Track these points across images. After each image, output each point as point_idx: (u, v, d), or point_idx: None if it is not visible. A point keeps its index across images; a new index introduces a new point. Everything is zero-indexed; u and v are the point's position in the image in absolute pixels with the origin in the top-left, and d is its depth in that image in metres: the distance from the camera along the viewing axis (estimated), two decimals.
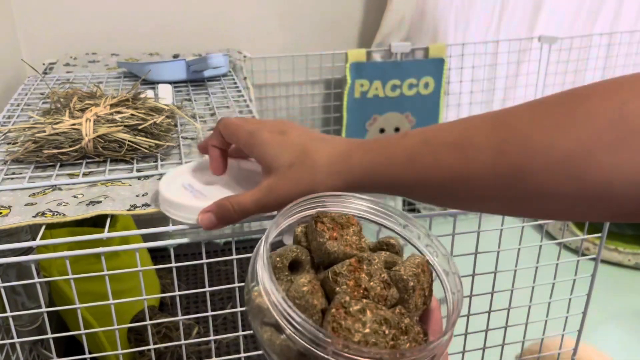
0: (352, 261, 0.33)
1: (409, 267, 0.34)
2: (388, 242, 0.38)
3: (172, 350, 0.94)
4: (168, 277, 1.18)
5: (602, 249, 0.72)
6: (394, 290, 0.33)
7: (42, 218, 0.57)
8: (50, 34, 1.36)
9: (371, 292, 0.32)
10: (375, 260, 0.33)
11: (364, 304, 0.30)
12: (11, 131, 0.80)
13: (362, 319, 0.30)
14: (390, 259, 0.36)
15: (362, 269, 0.33)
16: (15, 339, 0.57)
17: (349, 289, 0.32)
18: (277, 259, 0.35)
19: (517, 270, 0.71)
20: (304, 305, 0.31)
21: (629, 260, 1.50)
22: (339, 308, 0.30)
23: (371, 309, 0.30)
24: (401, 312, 0.32)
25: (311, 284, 0.32)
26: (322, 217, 0.37)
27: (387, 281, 0.33)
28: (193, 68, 1.05)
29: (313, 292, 0.31)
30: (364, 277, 0.32)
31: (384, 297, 0.33)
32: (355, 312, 0.30)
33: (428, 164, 0.38)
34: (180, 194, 0.58)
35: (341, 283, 0.32)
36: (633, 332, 1.25)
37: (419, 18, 1.52)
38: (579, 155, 0.33)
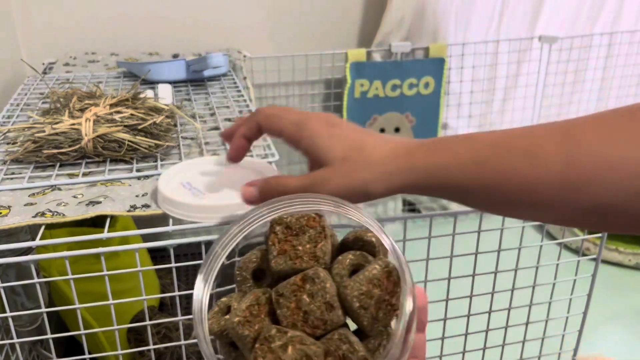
0: (296, 279, 0.32)
1: (357, 285, 0.31)
2: (363, 238, 0.36)
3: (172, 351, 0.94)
4: (168, 277, 1.18)
5: (603, 249, 0.72)
6: (336, 314, 0.31)
7: (42, 218, 0.56)
8: (50, 34, 1.36)
9: (311, 315, 0.31)
10: (319, 279, 0.32)
11: (288, 338, 0.30)
12: (11, 131, 0.79)
13: (281, 356, 0.29)
14: (358, 261, 0.34)
15: (304, 289, 0.32)
16: (15, 339, 0.57)
17: (289, 312, 0.31)
18: (237, 272, 0.35)
19: (517, 270, 0.71)
20: (236, 336, 0.31)
21: (630, 260, 1.50)
22: (263, 343, 0.30)
23: (294, 344, 0.30)
24: (340, 338, 0.31)
25: (248, 310, 0.31)
26: (275, 225, 0.35)
27: (330, 303, 0.31)
28: (193, 68, 1.05)
29: (247, 320, 0.31)
30: (304, 299, 0.31)
31: (324, 322, 0.31)
32: (276, 348, 0.30)
33: (496, 168, 0.38)
34: (179, 192, 0.58)
35: (282, 305, 0.32)
36: (633, 332, 1.25)
37: (419, 18, 1.51)
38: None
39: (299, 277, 0.32)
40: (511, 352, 0.78)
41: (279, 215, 0.35)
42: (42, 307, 0.57)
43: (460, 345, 0.75)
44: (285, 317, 0.31)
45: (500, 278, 0.71)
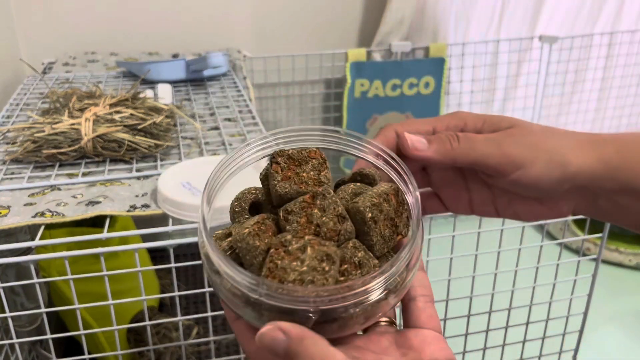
0: (305, 197, 0.31)
1: (369, 197, 0.31)
2: (362, 172, 0.36)
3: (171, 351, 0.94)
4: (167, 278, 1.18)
5: (603, 249, 0.72)
6: (348, 224, 0.31)
7: (41, 218, 0.56)
8: (49, 34, 1.36)
9: (323, 227, 0.30)
10: (330, 194, 0.31)
11: (306, 240, 0.28)
12: (10, 131, 0.79)
13: (300, 257, 0.28)
14: (359, 190, 0.34)
15: (315, 204, 0.31)
16: (15, 340, 0.57)
17: (299, 227, 0.30)
18: (235, 202, 0.34)
19: (517, 270, 0.71)
20: (246, 248, 0.30)
21: (630, 260, 1.50)
22: (278, 247, 0.29)
23: (313, 245, 0.28)
24: (355, 246, 0.30)
25: (257, 225, 0.30)
26: (277, 156, 0.34)
27: (342, 215, 0.31)
28: (192, 67, 1.05)
29: (257, 233, 0.30)
30: (316, 213, 0.31)
31: (337, 232, 0.31)
32: (294, 251, 0.28)
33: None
34: (179, 192, 0.58)
35: (292, 221, 0.30)
36: (634, 333, 1.25)
37: (419, 17, 1.51)
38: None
39: (308, 195, 0.31)
40: (511, 352, 0.78)
41: (280, 148, 0.35)
42: (42, 308, 0.57)
43: (460, 346, 0.75)
44: (296, 232, 0.30)
45: (501, 278, 0.71)
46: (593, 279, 0.75)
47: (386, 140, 0.37)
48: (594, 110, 1.79)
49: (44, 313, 0.57)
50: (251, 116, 0.90)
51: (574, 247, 1.53)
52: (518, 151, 0.34)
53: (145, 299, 0.59)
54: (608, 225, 0.71)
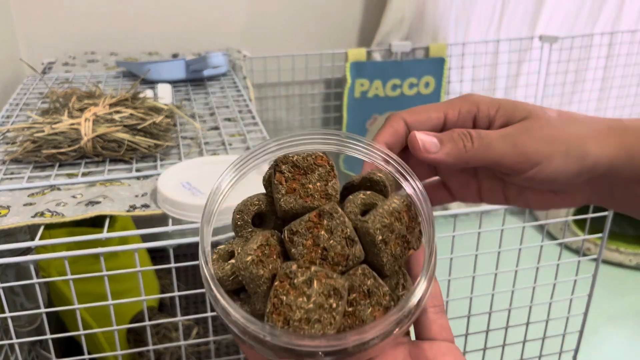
0: (311, 216, 0.29)
1: (379, 217, 0.29)
2: (372, 177, 0.33)
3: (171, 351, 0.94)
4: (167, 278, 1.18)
5: (603, 249, 0.72)
6: (357, 248, 0.29)
7: (41, 218, 0.56)
8: (49, 34, 1.36)
9: (330, 252, 0.29)
10: (338, 214, 0.29)
11: (312, 273, 0.27)
12: (10, 131, 0.79)
13: (306, 292, 0.26)
14: (370, 201, 0.32)
15: (322, 225, 0.29)
16: (14, 340, 0.57)
17: (305, 250, 0.29)
18: (237, 216, 0.32)
19: (517, 270, 0.71)
20: (249, 277, 0.28)
21: (630, 260, 1.50)
22: (283, 280, 0.27)
23: (320, 279, 0.27)
24: (364, 273, 0.29)
25: (260, 249, 0.28)
26: (281, 164, 0.32)
27: (350, 237, 0.29)
28: (192, 67, 1.05)
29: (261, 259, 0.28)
30: (323, 235, 0.29)
31: (345, 257, 0.29)
32: (300, 284, 0.27)
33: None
34: (178, 192, 0.58)
35: (297, 243, 0.29)
36: (634, 333, 1.25)
37: (419, 17, 1.51)
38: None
39: (314, 213, 0.29)
40: (512, 352, 0.78)
41: (284, 154, 0.32)
42: (42, 308, 0.57)
43: (460, 346, 0.75)
44: (302, 255, 0.29)
45: (501, 278, 0.71)
46: (593, 279, 0.75)
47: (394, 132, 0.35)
48: (594, 110, 1.79)
49: (44, 313, 0.57)
50: (251, 116, 0.90)
51: (574, 247, 1.53)
52: (535, 148, 0.33)
53: (145, 299, 0.59)
54: (608, 226, 0.71)
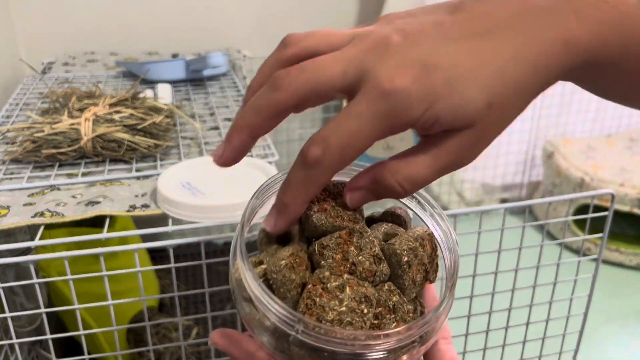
0: (341, 233, 0.31)
1: (405, 240, 0.31)
2: (394, 212, 0.35)
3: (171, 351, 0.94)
4: (167, 278, 1.18)
5: (604, 249, 0.72)
6: (385, 266, 0.31)
7: (41, 218, 0.56)
8: (49, 34, 1.36)
9: (359, 267, 0.30)
10: (367, 233, 0.31)
11: (345, 279, 0.28)
12: (10, 131, 0.79)
13: (339, 296, 0.28)
14: (392, 231, 0.33)
15: (351, 242, 0.30)
16: (14, 340, 0.57)
17: (334, 263, 0.30)
18: (263, 234, 0.34)
19: (517, 270, 0.71)
20: (281, 280, 0.29)
21: (631, 260, 1.50)
22: (316, 284, 0.28)
23: (352, 286, 0.28)
24: (390, 289, 0.30)
25: (292, 257, 0.30)
26: None
27: (378, 255, 0.30)
28: (192, 67, 1.05)
29: (293, 265, 0.29)
30: (352, 251, 0.30)
31: (373, 273, 0.30)
32: (333, 289, 0.28)
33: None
34: (178, 192, 0.58)
35: (327, 256, 0.30)
36: (634, 333, 1.25)
37: None
38: None
39: (345, 231, 0.31)
40: (512, 352, 0.78)
41: None
42: (41, 308, 0.57)
43: (460, 346, 0.75)
44: (331, 268, 0.29)
45: (501, 278, 0.71)
46: (593, 279, 0.75)
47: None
48: (594, 110, 1.79)
49: (44, 313, 0.57)
50: None
51: (575, 247, 1.53)
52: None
53: (144, 299, 0.59)
54: (608, 226, 0.71)
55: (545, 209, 1.65)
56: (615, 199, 0.69)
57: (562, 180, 1.57)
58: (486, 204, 1.75)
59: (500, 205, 0.66)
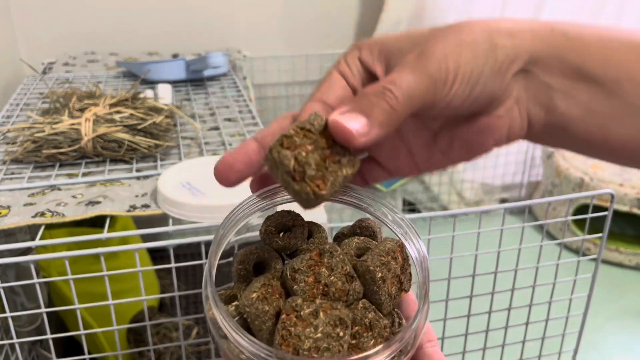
0: (312, 255, 0.31)
1: (377, 255, 0.31)
2: (362, 224, 0.36)
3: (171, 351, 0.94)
4: (167, 278, 1.18)
5: (603, 249, 0.72)
6: (357, 284, 0.31)
7: (41, 218, 0.56)
8: (49, 34, 1.36)
9: (331, 287, 0.30)
10: (337, 252, 0.31)
11: (317, 305, 0.28)
12: (10, 131, 0.79)
13: (313, 322, 0.28)
14: (363, 245, 0.33)
15: (322, 262, 0.31)
16: (15, 339, 0.57)
17: (307, 287, 0.30)
18: (239, 266, 0.34)
19: (517, 270, 0.71)
20: (255, 313, 0.29)
21: (630, 260, 1.50)
22: (290, 313, 0.28)
23: (325, 310, 0.28)
24: (365, 307, 0.30)
25: (264, 288, 0.30)
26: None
27: (350, 274, 0.31)
28: (192, 67, 1.05)
29: (265, 297, 0.30)
30: (324, 272, 0.30)
31: (346, 292, 0.30)
32: (306, 316, 0.28)
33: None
34: (179, 192, 0.58)
35: (299, 280, 0.30)
36: (634, 333, 1.25)
37: (418, 18, 1.51)
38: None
39: (315, 252, 0.31)
40: (511, 352, 0.78)
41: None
42: (42, 308, 0.57)
43: (460, 346, 0.75)
44: (304, 292, 0.30)
45: (500, 278, 0.71)
46: (593, 279, 0.75)
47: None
48: None
49: (44, 313, 0.57)
50: (251, 116, 0.90)
51: (574, 247, 1.53)
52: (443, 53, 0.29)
53: (145, 299, 0.59)
54: (608, 225, 0.71)
55: (544, 209, 1.65)
56: (615, 199, 0.69)
57: (562, 180, 1.58)
58: (486, 204, 1.75)
59: (500, 206, 0.66)
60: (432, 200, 1.72)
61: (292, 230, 0.34)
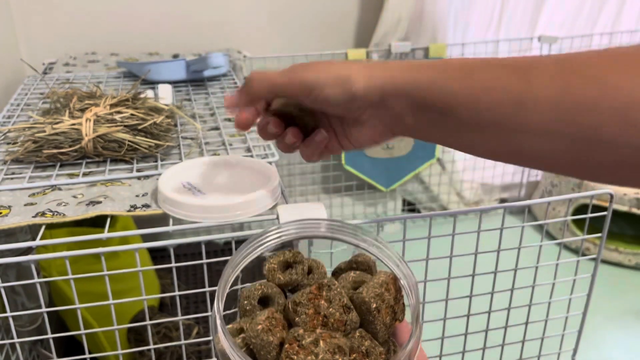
0: (312, 289, 0.34)
1: (372, 288, 0.34)
2: (357, 260, 0.39)
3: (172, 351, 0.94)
4: (168, 277, 1.18)
5: (603, 249, 0.72)
6: (354, 314, 0.34)
7: (42, 218, 0.57)
8: (50, 34, 1.36)
9: (330, 318, 0.33)
10: (335, 286, 0.34)
11: (317, 334, 0.31)
12: (11, 131, 0.79)
13: (314, 350, 0.30)
14: (359, 278, 0.37)
15: (321, 295, 0.33)
16: (15, 339, 0.57)
17: (308, 318, 0.33)
18: (244, 302, 0.36)
19: (517, 270, 0.71)
20: (260, 344, 0.32)
21: (629, 260, 1.50)
22: (292, 342, 0.31)
23: (325, 339, 0.31)
24: (362, 335, 0.33)
25: (268, 320, 0.32)
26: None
27: (347, 305, 0.34)
28: (193, 68, 1.05)
29: (270, 328, 0.32)
30: (323, 304, 0.33)
31: (344, 322, 0.33)
32: (307, 345, 0.30)
33: (486, 81, 0.36)
34: (179, 191, 0.58)
35: (300, 313, 0.33)
36: (633, 333, 1.25)
37: (418, 18, 1.52)
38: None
39: (314, 286, 0.34)
40: (511, 352, 0.78)
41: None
42: (43, 307, 0.57)
43: (459, 345, 0.75)
44: (305, 323, 0.32)
45: (500, 278, 0.71)
46: (592, 278, 0.76)
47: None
48: None
49: (45, 313, 0.58)
50: None
51: (574, 247, 1.54)
52: (306, 76, 0.43)
53: (145, 299, 0.59)
54: (607, 225, 0.71)
55: (544, 209, 1.65)
56: (614, 198, 0.69)
57: (561, 180, 1.58)
58: (485, 204, 1.76)
59: (500, 205, 0.66)
60: (431, 200, 1.72)
61: (293, 267, 0.37)
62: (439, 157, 1.65)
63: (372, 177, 1.62)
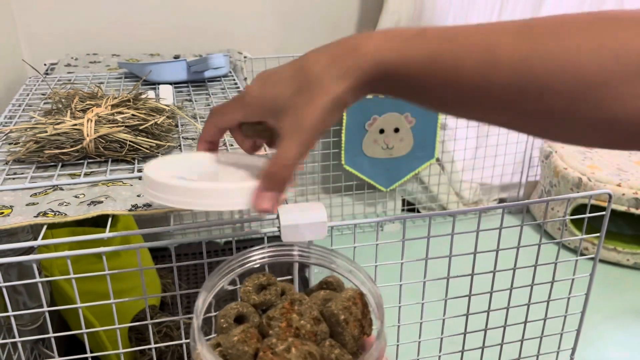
0: (285, 304, 0.36)
1: (340, 301, 0.36)
2: (327, 281, 0.41)
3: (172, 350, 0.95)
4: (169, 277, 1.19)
5: (601, 248, 0.73)
6: (324, 326, 0.36)
7: (44, 218, 0.57)
8: (51, 35, 1.37)
9: (301, 330, 0.35)
10: (306, 300, 0.36)
11: (290, 342, 0.33)
12: (13, 131, 0.80)
13: (287, 356, 0.32)
14: (328, 296, 0.39)
15: (293, 309, 0.36)
16: (17, 338, 0.58)
17: (281, 330, 0.35)
18: (221, 320, 0.38)
19: (516, 269, 0.72)
20: (236, 354, 0.33)
21: (628, 260, 1.50)
22: (266, 350, 0.32)
23: (296, 346, 0.32)
24: (331, 344, 0.35)
25: (243, 333, 0.34)
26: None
27: (317, 317, 0.36)
28: (194, 69, 1.05)
29: (245, 339, 0.34)
30: (295, 317, 0.35)
31: (314, 333, 0.35)
32: (280, 352, 0.32)
33: (450, 67, 0.37)
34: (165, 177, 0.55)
35: (274, 326, 0.35)
36: (632, 332, 1.26)
37: (417, 19, 1.52)
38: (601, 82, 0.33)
39: (287, 302, 0.36)
40: (510, 351, 0.78)
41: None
42: (44, 307, 0.58)
43: (459, 345, 0.75)
44: (278, 335, 0.34)
45: (499, 277, 0.71)
46: (591, 278, 0.76)
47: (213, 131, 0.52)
48: None
49: (46, 312, 0.58)
50: None
51: (572, 247, 1.54)
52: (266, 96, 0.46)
53: (146, 298, 0.59)
54: (606, 225, 0.72)
55: (543, 209, 1.66)
56: (612, 198, 0.70)
57: (560, 180, 1.58)
58: (484, 204, 1.76)
59: (499, 205, 0.67)
60: (431, 200, 1.72)
61: (267, 289, 0.40)
62: (438, 158, 1.65)
63: (372, 177, 1.62)
